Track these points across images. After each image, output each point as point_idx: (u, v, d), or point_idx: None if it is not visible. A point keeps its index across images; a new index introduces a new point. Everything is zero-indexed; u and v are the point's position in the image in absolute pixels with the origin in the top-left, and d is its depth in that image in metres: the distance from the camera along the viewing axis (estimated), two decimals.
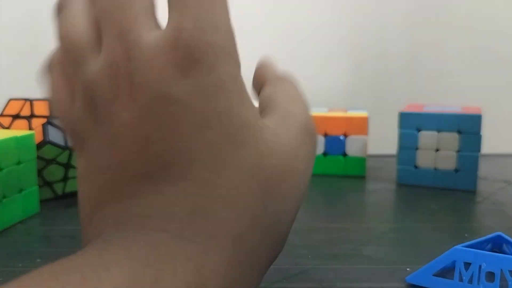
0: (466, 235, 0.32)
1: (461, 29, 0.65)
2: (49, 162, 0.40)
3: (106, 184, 0.17)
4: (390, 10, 0.66)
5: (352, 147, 0.49)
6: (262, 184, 0.17)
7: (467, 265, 0.24)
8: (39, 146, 0.39)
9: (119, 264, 0.13)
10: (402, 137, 0.45)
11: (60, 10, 0.19)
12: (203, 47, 0.16)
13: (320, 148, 0.50)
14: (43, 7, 0.66)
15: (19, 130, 0.39)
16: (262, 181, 0.17)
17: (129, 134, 0.16)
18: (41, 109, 0.40)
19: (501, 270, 0.23)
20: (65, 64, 0.18)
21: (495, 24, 0.65)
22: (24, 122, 0.40)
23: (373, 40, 0.66)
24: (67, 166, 0.40)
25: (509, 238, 0.27)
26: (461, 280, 0.24)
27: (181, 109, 0.16)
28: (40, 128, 0.39)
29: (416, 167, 0.45)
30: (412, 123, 0.45)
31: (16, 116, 0.40)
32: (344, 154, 0.50)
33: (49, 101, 0.19)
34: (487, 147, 0.44)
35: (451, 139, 0.43)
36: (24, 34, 0.66)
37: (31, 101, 0.41)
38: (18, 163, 0.36)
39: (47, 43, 0.69)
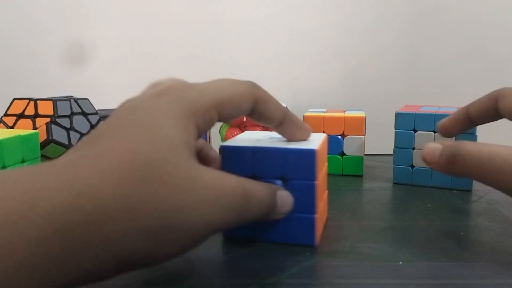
0: (461, 233, 0.33)
1: (457, 30, 0.66)
2: None
3: None
4: (387, 12, 0.66)
5: (350, 147, 0.50)
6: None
7: None
8: (43, 145, 0.39)
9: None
10: (398, 137, 0.46)
11: None
12: None
13: None
14: (46, 8, 0.66)
15: (23, 129, 0.39)
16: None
17: None
18: (45, 108, 0.41)
19: None
20: None
21: (491, 25, 0.66)
22: (28, 121, 0.40)
23: (370, 41, 0.67)
24: None
25: None
26: None
27: None
28: (44, 127, 0.40)
29: (412, 166, 0.46)
30: (408, 123, 0.45)
31: (21, 116, 0.41)
32: (342, 154, 0.51)
33: None
34: None
35: (447, 139, 0.44)
36: (28, 35, 0.66)
37: (35, 100, 0.41)
38: (22, 161, 0.36)
39: (51, 43, 0.70)
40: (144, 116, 0.21)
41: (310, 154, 0.29)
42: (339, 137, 0.50)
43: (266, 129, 0.55)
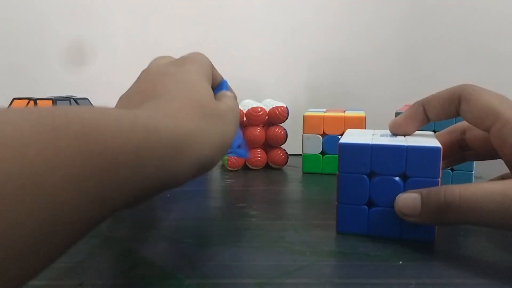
0: (461, 233, 0.33)
1: (457, 28, 0.66)
2: None
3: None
4: (387, 11, 0.66)
5: None
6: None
7: None
8: None
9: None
10: None
11: None
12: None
13: (319, 148, 0.51)
14: (46, 8, 0.66)
15: None
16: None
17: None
18: None
19: None
20: None
21: (492, 23, 0.66)
22: None
23: (370, 40, 0.67)
24: None
25: None
26: None
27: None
28: None
29: None
30: None
31: None
32: None
33: None
34: None
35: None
36: (28, 34, 0.66)
37: (35, 100, 0.41)
38: None
39: (51, 43, 0.70)
40: (184, 78, 0.29)
41: (435, 152, 0.29)
42: (339, 136, 0.50)
43: (268, 128, 0.54)
